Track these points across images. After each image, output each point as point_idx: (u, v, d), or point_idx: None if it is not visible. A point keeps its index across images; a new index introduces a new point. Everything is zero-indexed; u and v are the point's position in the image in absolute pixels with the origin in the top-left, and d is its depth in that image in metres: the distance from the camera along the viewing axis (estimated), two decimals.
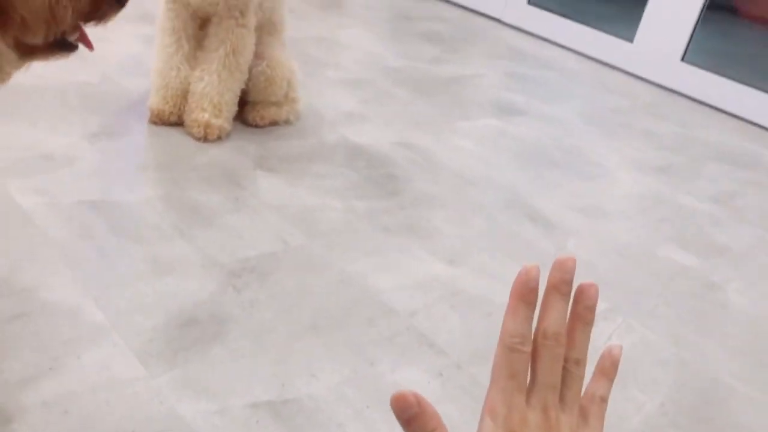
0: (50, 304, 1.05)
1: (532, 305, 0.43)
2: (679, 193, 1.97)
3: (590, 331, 0.46)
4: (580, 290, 0.46)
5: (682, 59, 2.98)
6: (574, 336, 0.45)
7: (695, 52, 3.05)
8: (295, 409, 0.97)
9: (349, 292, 1.23)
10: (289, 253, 1.30)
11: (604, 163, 2.06)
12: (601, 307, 1.34)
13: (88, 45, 0.89)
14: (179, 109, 1.63)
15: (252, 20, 1.61)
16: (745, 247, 1.74)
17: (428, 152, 1.85)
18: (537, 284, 0.42)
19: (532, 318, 0.43)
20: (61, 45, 0.85)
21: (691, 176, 2.11)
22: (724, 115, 2.80)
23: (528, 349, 0.43)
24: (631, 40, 3.13)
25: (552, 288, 0.44)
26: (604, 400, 0.46)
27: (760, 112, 2.78)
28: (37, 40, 0.81)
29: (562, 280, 0.44)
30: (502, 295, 1.31)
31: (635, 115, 2.58)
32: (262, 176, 1.54)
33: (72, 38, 0.86)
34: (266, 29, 1.72)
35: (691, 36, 2.97)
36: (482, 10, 3.65)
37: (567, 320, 0.44)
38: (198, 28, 1.64)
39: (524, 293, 0.43)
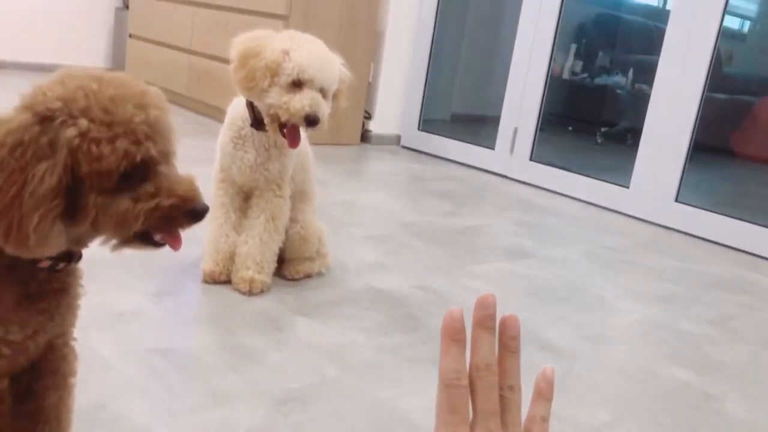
0: (131, 430, 1.25)
1: (462, 343, 0.47)
2: (678, 318, 2.15)
3: (518, 359, 0.51)
4: (503, 322, 0.50)
5: (676, 199, 3.26)
6: (504, 365, 0.49)
7: (690, 191, 3.34)
8: None
9: (380, 415, 1.42)
10: (327, 384, 1.50)
11: (607, 296, 2.27)
12: (604, 418, 1.51)
13: (174, 245, 0.90)
14: (228, 269, 1.90)
15: (287, 191, 1.92)
16: (741, 363, 1.90)
17: (444, 293, 2.08)
18: (462, 324, 0.47)
19: (464, 355, 0.47)
20: (146, 239, 0.87)
21: (689, 304, 2.31)
22: (719, 248, 3.02)
23: (465, 383, 0.46)
24: (627, 185, 3.43)
25: (477, 324, 0.48)
26: (545, 419, 0.54)
27: (753, 243, 3.00)
28: (110, 238, 0.85)
29: (485, 316, 0.48)
30: None
31: (635, 253, 2.82)
32: (299, 320, 1.77)
33: (157, 237, 0.88)
34: (299, 197, 2.03)
35: (682, 177, 3.26)
36: (489, 168, 4.02)
37: (495, 352, 0.49)
38: (243, 201, 1.95)
39: (452, 333, 0.47)
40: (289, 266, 2.02)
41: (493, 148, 4.00)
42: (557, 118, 5.65)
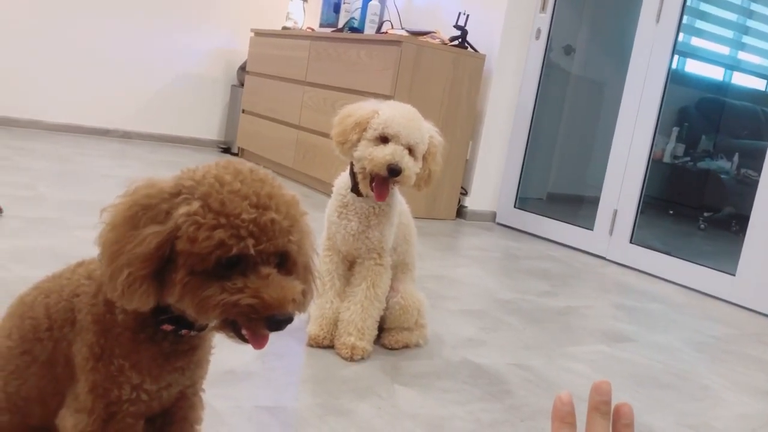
0: None
1: (572, 426, 0.49)
2: None
3: None
4: (617, 410, 0.53)
5: None
6: None
7: None
8: None
9: None
10: None
11: (712, 386, 2.19)
12: None
13: (254, 344, 0.89)
14: (331, 334, 1.98)
15: (387, 260, 1.99)
16: None
17: (542, 373, 2.07)
18: (572, 408, 0.49)
19: None
20: (234, 330, 0.87)
21: None
22: None
23: None
24: (733, 273, 3.31)
25: (593, 409, 0.51)
26: None
27: None
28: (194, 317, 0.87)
29: (601, 402, 0.51)
30: None
31: (742, 343, 2.70)
32: (398, 389, 1.81)
33: (243, 331, 0.87)
34: (400, 268, 2.10)
35: None
36: (586, 249, 3.98)
37: None
38: (347, 269, 2.04)
39: (563, 416, 0.49)
40: (388, 335, 2.07)
41: (591, 229, 3.98)
42: (658, 202, 5.55)
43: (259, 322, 0.83)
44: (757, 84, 6.29)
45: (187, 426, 1.08)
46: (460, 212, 4.54)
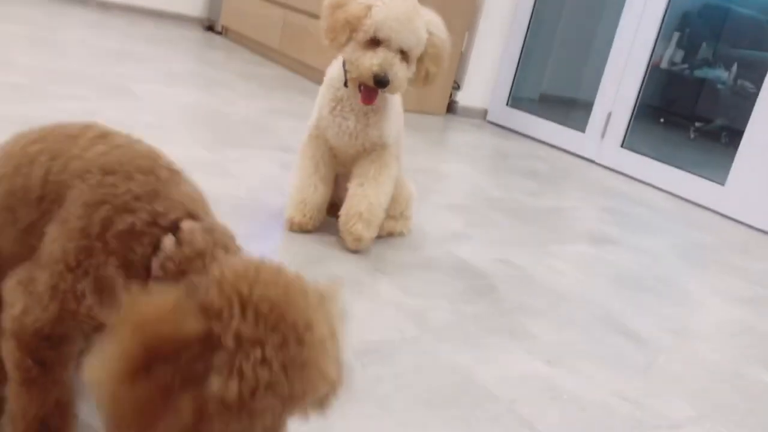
0: None
1: None
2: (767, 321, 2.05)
3: None
4: None
5: None
6: None
7: None
8: None
9: (456, 377, 1.40)
10: (405, 342, 1.49)
11: (694, 292, 2.18)
12: (688, 414, 1.46)
13: None
14: (314, 220, 1.91)
15: (393, 150, 1.89)
16: None
17: (526, 270, 2.04)
18: None
19: None
20: None
21: None
22: None
23: None
24: (722, 183, 3.28)
25: None
26: None
27: None
28: None
29: None
30: (598, 395, 1.45)
31: (726, 253, 2.70)
32: (380, 278, 1.77)
33: None
34: None
35: None
36: (577, 151, 3.92)
37: None
38: (333, 157, 1.94)
39: None
40: None
41: (583, 131, 3.89)
42: (649, 109, 5.44)
43: None
44: None
45: None
46: (451, 107, 4.41)
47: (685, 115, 5.71)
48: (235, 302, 0.65)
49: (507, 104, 4.37)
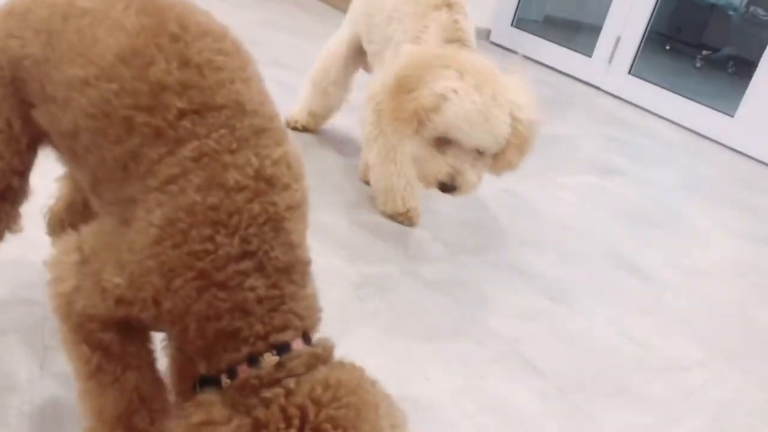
0: None
1: None
2: None
3: None
4: None
5: None
6: None
7: None
8: (411, 406, 1.07)
9: (457, 315, 1.34)
10: (404, 275, 1.42)
11: (701, 227, 2.11)
12: (695, 356, 1.40)
13: None
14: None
15: None
16: None
17: (531, 200, 1.95)
18: None
19: None
20: None
21: None
22: None
23: None
24: (732, 115, 3.17)
25: None
26: None
27: None
28: None
29: None
30: (602, 332, 1.39)
31: (733, 187, 2.62)
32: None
33: None
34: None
35: None
36: (583, 77, 3.77)
37: None
38: None
39: None
40: None
41: (590, 56, 3.74)
42: (655, 36, 5.24)
43: None
44: None
45: None
46: None
47: (692, 43, 5.52)
48: (295, 422, 0.61)
49: (512, 24, 4.18)
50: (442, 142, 1.35)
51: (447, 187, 1.37)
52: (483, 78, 1.32)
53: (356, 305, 1.28)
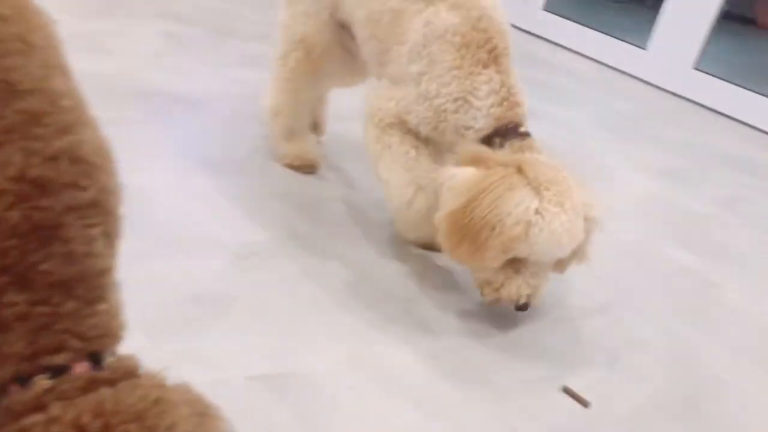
0: None
1: None
2: (685, 197, 1.99)
3: None
4: None
5: (695, 67, 3.00)
6: None
7: (709, 61, 3.07)
8: (292, 382, 1.01)
9: (351, 278, 1.27)
10: (294, 240, 1.34)
11: (613, 165, 2.09)
12: (598, 301, 1.38)
13: None
14: None
15: None
16: (746, 250, 1.76)
17: None
18: None
19: None
20: None
21: (696, 180, 2.14)
22: (734, 123, 2.81)
23: None
24: (644, 47, 3.15)
25: None
26: None
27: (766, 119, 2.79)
28: None
29: None
30: None
31: (646, 121, 2.61)
32: (271, 165, 1.59)
33: None
34: None
35: (704, 44, 2.98)
36: None
37: None
38: None
39: None
40: None
41: None
42: None
43: None
44: None
45: None
46: None
47: None
48: None
49: None
50: (518, 260, 1.18)
51: (524, 307, 1.21)
52: (559, 188, 1.15)
53: (238, 277, 1.20)
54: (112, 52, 1.97)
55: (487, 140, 1.22)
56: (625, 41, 3.24)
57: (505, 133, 1.22)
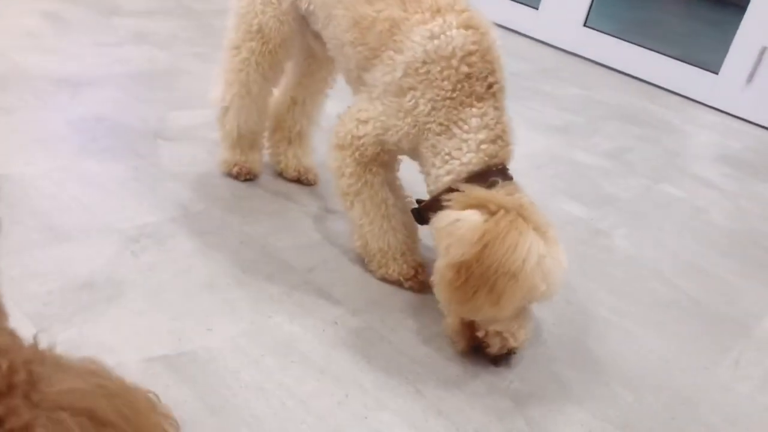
0: None
1: None
2: (574, 150, 2.07)
3: None
4: None
5: (585, 24, 3.10)
6: None
7: (599, 17, 3.18)
8: (189, 361, 1.01)
9: (248, 253, 1.27)
10: (188, 219, 1.32)
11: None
12: None
13: None
14: None
15: None
16: (632, 197, 1.86)
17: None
18: None
19: None
20: None
21: (587, 134, 2.23)
22: (624, 77, 2.93)
23: None
24: (536, 6, 3.23)
25: None
26: None
27: (657, 73, 2.93)
28: None
29: None
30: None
31: (538, 79, 2.68)
32: (161, 145, 1.55)
33: None
34: None
35: (592, 2, 3.08)
36: None
37: None
38: None
39: None
40: None
41: None
42: None
43: None
44: None
45: None
46: None
47: None
48: None
49: None
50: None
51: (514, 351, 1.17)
52: (551, 228, 1.12)
53: (131, 260, 1.18)
54: None
55: (479, 177, 1.14)
56: (516, 1, 3.31)
57: (501, 173, 1.16)
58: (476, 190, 1.11)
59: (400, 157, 1.29)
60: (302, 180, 1.54)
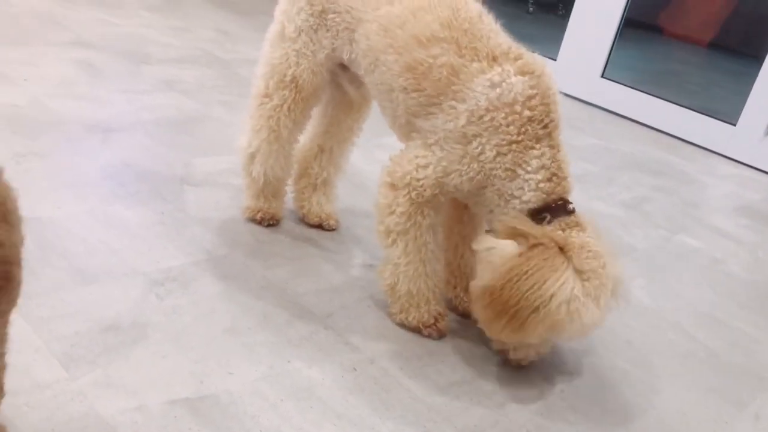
0: None
1: None
2: (591, 200, 2.09)
3: None
4: None
5: (602, 75, 3.15)
6: None
7: (617, 68, 3.23)
8: (211, 404, 1.03)
9: (268, 296, 1.30)
10: (212, 262, 1.36)
11: None
12: None
13: None
14: None
15: None
16: (649, 248, 1.87)
17: (357, 167, 1.93)
18: None
19: None
20: None
21: (604, 184, 2.25)
22: (640, 127, 2.97)
23: None
24: (554, 58, 3.28)
25: None
26: None
27: (674, 124, 2.96)
28: None
29: None
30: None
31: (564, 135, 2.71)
32: (187, 191, 1.59)
33: None
34: None
35: (609, 54, 3.14)
36: None
37: None
38: None
39: None
40: None
41: None
42: None
43: None
44: None
45: None
46: None
47: None
48: None
49: None
50: None
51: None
52: (598, 281, 1.12)
53: (155, 303, 1.21)
54: (22, 81, 1.94)
55: (535, 214, 1.17)
56: (535, 52, 3.36)
57: (555, 210, 1.17)
58: (521, 222, 1.15)
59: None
60: (324, 226, 1.57)
